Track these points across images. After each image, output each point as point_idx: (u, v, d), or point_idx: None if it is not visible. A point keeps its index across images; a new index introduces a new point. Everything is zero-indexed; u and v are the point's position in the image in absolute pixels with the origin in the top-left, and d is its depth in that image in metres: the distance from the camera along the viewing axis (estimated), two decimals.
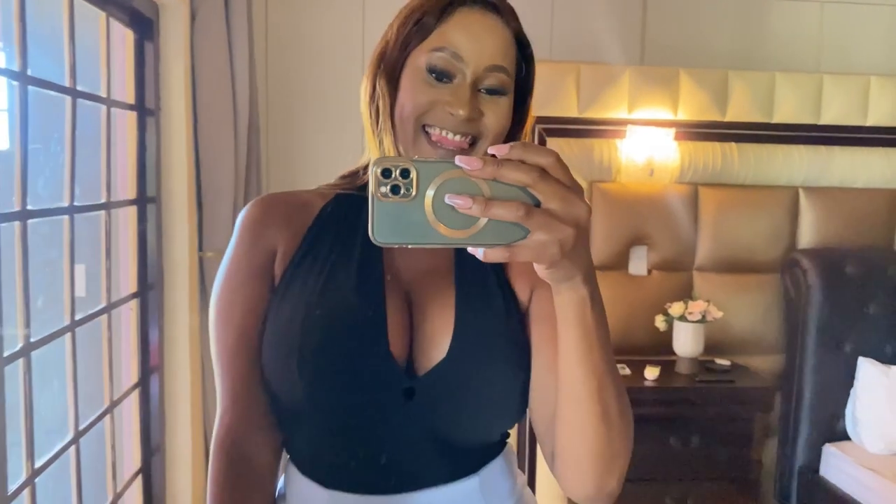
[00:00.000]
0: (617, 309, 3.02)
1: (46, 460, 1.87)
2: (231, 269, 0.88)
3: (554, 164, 0.60)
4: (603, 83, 2.99)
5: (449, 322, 0.83)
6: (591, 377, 0.72)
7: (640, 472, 2.74)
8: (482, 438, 0.89)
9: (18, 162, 1.76)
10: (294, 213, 0.90)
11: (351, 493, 0.84)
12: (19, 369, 1.74)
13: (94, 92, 2.22)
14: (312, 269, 0.86)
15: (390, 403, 0.81)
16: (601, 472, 0.77)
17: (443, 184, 0.59)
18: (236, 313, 0.86)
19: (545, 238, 0.59)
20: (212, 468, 0.86)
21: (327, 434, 0.85)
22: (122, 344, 2.51)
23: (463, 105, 0.80)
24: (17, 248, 1.76)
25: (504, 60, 0.84)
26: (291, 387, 0.81)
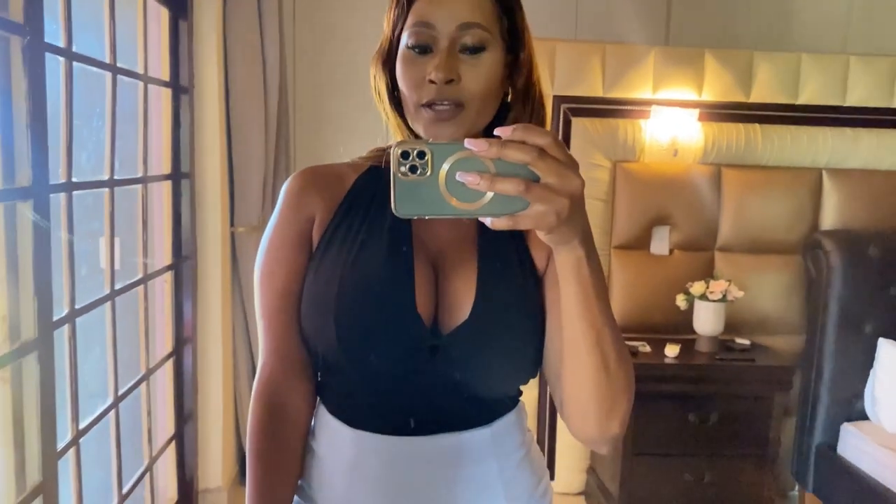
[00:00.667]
0: (638, 288, 3.06)
1: (89, 422, 1.96)
2: (273, 236, 0.96)
3: (551, 143, 0.66)
4: (628, 63, 3.00)
5: (471, 287, 0.90)
6: (591, 330, 0.78)
7: (658, 447, 2.81)
8: (498, 392, 0.96)
9: (64, 136, 1.83)
10: (330, 185, 0.97)
11: (374, 433, 0.93)
12: (65, 335, 1.83)
13: (131, 69, 2.29)
14: (347, 238, 0.93)
15: (416, 359, 0.89)
16: (603, 416, 0.83)
17: (454, 163, 0.67)
18: (278, 276, 0.94)
19: (543, 209, 0.66)
20: (251, 412, 0.96)
21: (358, 382, 0.93)
22: (157, 315, 2.59)
23: (439, 68, 0.84)
24: (62, 218, 1.84)
25: (475, 16, 0.86)
26: (328, 343, 0.90)
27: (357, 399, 0.94)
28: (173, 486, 2.71)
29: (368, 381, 0.92)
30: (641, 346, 2.88)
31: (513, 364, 0.92)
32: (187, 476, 2.75)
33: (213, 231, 2.77)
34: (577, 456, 3.17)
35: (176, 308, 2.65)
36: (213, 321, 2.79)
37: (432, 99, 0.86)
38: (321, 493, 0.97)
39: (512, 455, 0.98)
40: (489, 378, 0.93)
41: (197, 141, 2.71)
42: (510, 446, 0.97)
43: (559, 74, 3.00)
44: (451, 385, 0.90)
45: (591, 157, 3.00)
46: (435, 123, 0.87)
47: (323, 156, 3.46)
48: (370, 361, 0.90)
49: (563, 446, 3.17)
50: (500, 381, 0.94)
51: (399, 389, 0.91)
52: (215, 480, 2.84)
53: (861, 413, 2.89)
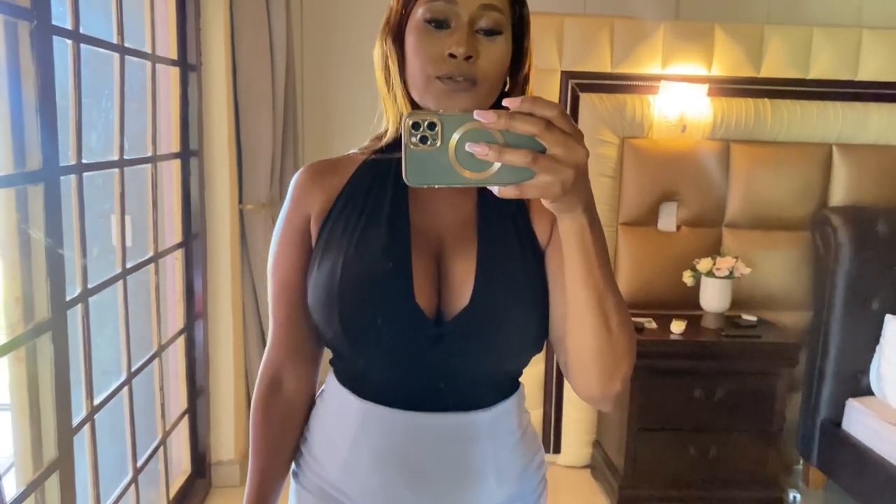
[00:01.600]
0: (645, 264, 3.07)
1: (103, 399, 2.01)
2: (279, 229, 1.00)
3: (558, 116, 0.68)
4: (637, 38, 2.98)
5: (471, 271, 0.92)
6: (593, 294, 0.81)
7: (663, 422, 2.84)
8: (501, 374, 0.99)
9: (73, 118, 1.85)
10: (329, 177, 0.99)
11: (379, 405, 0.96)
12: (78, 314, 1.86)
13: (139, 49, 2.29)
14: (346, 230, 0.95)
15: (419, 348, 0.92)
16: (605, 376, 0.85)
17: (463, 134, 0.69)
18: (280, 267, 0.99)
19: (549, 179, 0.69)
20: (255, 393, 1.05)
21: (363, 366, 0.97)
22: (168, 291, 2.63)
23: (461, 43, 0.86)
24: (73, 199, 1.86)
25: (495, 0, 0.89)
26: (334, 333, 0.94)
27: (363, 377, 0.98)
28: (187, 459, 2.78)
29: (373, 366, 0.96)
30: (647, 323, 2.90)
31: (516, 344, 0.94)
32: (200, 449, 2.81)
33: (222, 208, 2.80)
34: (583, 430, 3.21)
35: (187, 285, 2.69)
36: (224, 297, 2.83)
37: (449, 73, 0.87)
38: (324, 453, 1.02)
39: (507, 439, 1.01)
40: (491, 361, 0.95)
41: (205, 119, 2.73)
42: (506, 430, 1.01)
43: (567, 50, 2.98)
44: (453, 370, 0.94)
45: (598, 133, 2.99)
46: (448, 95, 0.88)
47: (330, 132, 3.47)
48: (374, 351, 0.94)
49: (570, 421, 3.21)
50: (504, 363, 0.97)
51: (403, 373, 0.95)
52: (228, 453, 2.91)
53: (866, 389, 2.90)
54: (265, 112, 2.89)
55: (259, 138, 2.90)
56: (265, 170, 2.93)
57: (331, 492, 1.01)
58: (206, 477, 2.83)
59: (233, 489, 2.90)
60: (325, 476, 1.02)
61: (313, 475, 1.03)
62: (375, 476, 0.97)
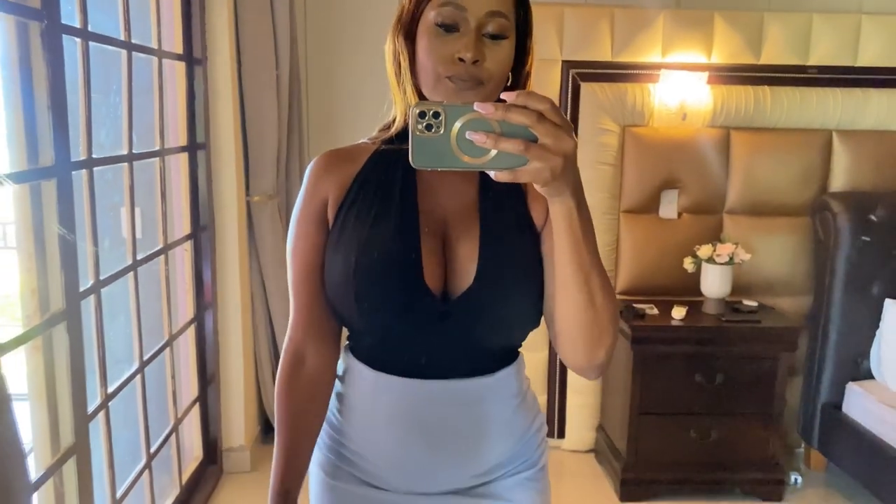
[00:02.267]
0: (647, 251, 3.11)
1: (117, 386, 2.07)
2: (296, 216, 1.07)
3: (549, 109, 0.76)
4: (637, 27, 3.01)
5: (474, 254, 1.00)
6: (579, 271, 0.89)
7: (665, 406, 2.89)
8: (503, 345, 1.08)
9: (83, 114, 1.90)
10: (343, 166, 1.06)
11: (392, 375, 1.05)
12: (91, 305, 1.92)
13: (146, 44, 2.34)
14: (360, 217, 1.02)
15: (428, 324, 1.01)
16: (590, 347, 0.94)
17: (464, 123, 0.77)
18: (298, 252, 1.06)
19: (540, 165, 0.76)
20: (279, 371, 1.11)
21: (378, 342, 1.06)
22: (178, 282, 2.69)
23: (469, 48, 0.93)
24: (84, 193, 1.92)
25: (501, 6, 0.95)
26: (350, 312, 1.02)
27: (377, 350, 1.06)
28: (199, 445, 2.85)
29: (387, 341, 1.05)
30: (649, 309, 2.94)
31: (516, 318, 1.03)
32: (211, 436, 2.88)
33: (229, 200, 2.85)
34: (586, 415, 3.26)
35: (196, 276, 2.75)
36: (232, 287, 2.89)
37: (458, 74, 0.94)
38: (347, 425, 1.10)
39: (510, 401, 1.10)
40: (493, 334, 1.04)
41: (211, 112, 2.78)
42: (509, 393, 1.09)
43: (567, 39, 3.01)
44: (459, 342, 1.02)
45: (599, 121, 3.02)
46: (456, 93, 0.95)
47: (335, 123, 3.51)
48: (387, 327, 1.02)
49: (573, 406, 3.26)
50: (505, 335, 1.06)
51: (414, 346, 1.03)
52: (238, 439, 2.97)
53: (866, 373, 2.94)
54: (270, 104, 2.94)
55: (264, 130, 2.95)
56: (271, 161, 2.98)
57: (354, 459, 1.10)
58: (218, 463, 2.90)
59: (244, 475, 2.97)
60: (349, 446, 1.10)
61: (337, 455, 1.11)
62: (392, 439, 1.05)
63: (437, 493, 1.09)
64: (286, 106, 3.03)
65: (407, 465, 1.07)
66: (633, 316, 2.87)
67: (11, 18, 1.55)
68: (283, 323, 3.11)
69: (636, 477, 2.88)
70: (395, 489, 1.09)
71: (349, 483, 1.11)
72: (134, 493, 2.21)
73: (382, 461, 1.07)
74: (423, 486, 1.08)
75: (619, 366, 2.94)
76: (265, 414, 3.23)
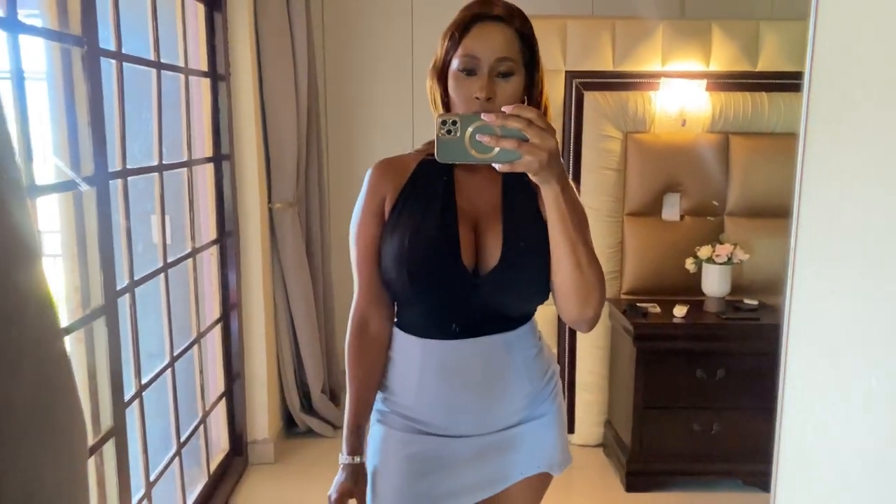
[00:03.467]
0: (650, 253, 3.23)
1: (150, 378, 2.25)
2: (360, 210, 1.36)
3: (536, 117, 1.07)
4: (637, 37, 3.14)
5: (499, 240, 1.29)
6: (567, 241, 1.17)
7: (668, 400, 3.00)
8: (520, 311, 1.37)
9: (118, 129, 2.09)
10: (397, 173, 1.35)
11: (434, 339, 1.33)
12: (126, 302, 2.10)
13: (173, 63, 2.53)
14: (412, 210, 1.31)
15: (463, 294, 1.29)
16: (580, 303, 1.22)
17: (474, 128, 1.07)
18: (363, 237, 1.34)
19: (531, 159, 1.06)
20: (348, 332, 1.39)
21: (423, 310, 1.34)
22: (205, 284, 2.87)
23: (482, 89, 1.21)
24: (119, 201, 2.10)
25: (508, 52, 1.23)
26: (403, 286, 1.30)
27: (423, 319, 1.35)
28: (225, 437, 3.02)
29: (430, 309, 1.33)
30: (651, 308, 3.07)
31: (531, 290, 1.30)
32: (237, 429, 3.05)
33: (252, 208, 3.03)
34: (595, 411, 3.38)
35: (222, 278, 2.93)
36: (256, 289, 3.06)
37: (476, 110, 1.20)
38: (398, 387, 1.38)
39: (529, 350, 1.38)
40: (513, 302, 1.33)
41: (235, 125, 2.96)
42: (528, 344, 1.38)
43: (570, 50, 3.15)
44: (487, 309, 1.31)
45: (602, 128, 3.16)
46: None
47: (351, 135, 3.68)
48: (432, 297, 1.31)
49: (582, 403, 3.38)
50: (522, 304, 1.35)
51: (452, 312, 1.31)
52: (262, 433, 3.14)
53: None
54: (290, 117, 3.12)
55: (285, 142, 3.13)
56: (291, 171, 3.16)
57: (408, 414, 1.36)
58: (243, 455, 3.07)
59: (268, 466, 3.14)
60: (402, 404, 1.37)
61: (394, 413, 1.38)
62: (440, 390, 1.33)
63: (475, 435, 1.35)
64: (305, 118, 3.20)
65: (451, 410, 1.34)
66: (637, 314, 3.00)
67: (57, 45, 1.74)
68: (303, 323, 3.28)
69: (641, 469, 3.00)
70: (439, 432, 1.35)
71: (400, 429, 1.36)
72: (165, 479, 2.38)
73: (430, 410, 1.34)
74: (463, 429, 1.35)
75: (624, 362, 3.07)
76: (287, 409, 3.40)
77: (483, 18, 1.24)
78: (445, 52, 1.27)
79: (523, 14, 1.27)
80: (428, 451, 1.35)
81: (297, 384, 3.37)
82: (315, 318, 3.35)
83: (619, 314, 3.08)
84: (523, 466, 1.40)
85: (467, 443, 1.36)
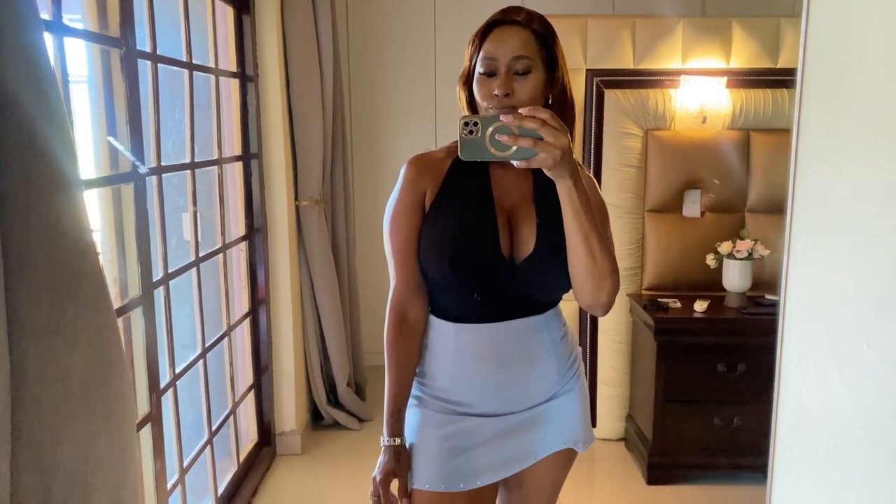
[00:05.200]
0: (671, 249, 3.26)
1: (183, 368, 2.33)
2: (397, 203, 1.43)
3: (550, 118, 1.14)
4: (657, 36, 3.17)
5: (532, 231, 1.38)
6: (580, 232, 1.25)
7: (689, 394, 3.03)
8: (550, 296, 1.47)
9: (153, 128, 2.17)
10: (434, 168, 1.44)
11: (465, 323, 1.42)
12: (161, 294, 2.19)
13: (204, 64, 2.61)
14: (452, 203, 1.40)
15: (500, 280, 1.38)
16: (594, 289, 1.30)
17: (494, 128, 1.15)
18: (402, 229, 1.42)
19: (545, 156, 1.14)
20: (387, 319, 1.46)
21: (459, 295, 1.42)
22: (235, 279, 2.95)
23: (500, 87, 1.31)
24: (154, 197, 2.18)
25: (524, 51, 1.32)
26: (444, 273, 1.39)
27: (458, 305, 1.43)
28: (254, 428, 3.10)
29: (468, 293, 1.41)
30: (672, 303, 3.10)
31: (560, 277, 1.36)
32: (265, 420, 3.13)
33: (280, 205, 3.11)
34: (616, 406, 3.42)
35: (250, 273, 3.01)
36: (284, 285, 3.15)
37: (495, 106, 1.31)
38: (434, 371, 1.46)
39: (556, 332, 1.48)
40: (545, 287, 1.42)
41: (263, 125, 3.05)
42: (555, 328, 1.48)
43: (591, 49, 3.20)
44: (520, 293, 1.41)
45: (623, 126, 3.20)
46: None
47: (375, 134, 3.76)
48: (470, 282, 1.39)
49: (604, 398, 3.42)
50: (553, 290, 1.44)
51: (488, 296, 1.40)
52: (290, 424, 3.22)
53: None
54: (316, 117, 3.20)
55: (311, 141, 3.21)
56: (317, 169, 3.24)
57: (443, 396, 1.45)
58: (272, 445, 3.16)
59: (295, 457, 3.22)
60: (438, 387, 1.46)
61: (429, 396, 1.47)
62: (475, 371, 1.43)
63: (506, 414, 1.44)
64: (330, 118, 3.28)
65: (484, 391, 1.43)
66: (658, 309, 3.03)
67: (97, 47, 1.82)
68: (329, 318, 3.35)
69: (662, 462, 3.03)
70: (472, 412, 1.44)
71: (436, 411, 1.46)
72: (197, 466, 2.47)
73: (464, 391, 1.44)
74: (496, 408, 1.44)
75: (645, 357, 3.10)
76: (314, 402, 3.48)
77: (501, 24, 1.34)
78: (470, 58, 1.37)
79: (543, 18, 1.36)
80: (462, 431, 1.44)
81: (324, 377, 3.45)
82: (341, 313, 3.43)
83: (640, 309, 3.11)
84: (550, 442, 1.48)
85: (498, 421, 1.44)
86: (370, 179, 3.75)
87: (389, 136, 3.78)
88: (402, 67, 3.74)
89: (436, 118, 3.74)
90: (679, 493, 2.99)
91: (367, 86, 3.74)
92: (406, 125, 3.76)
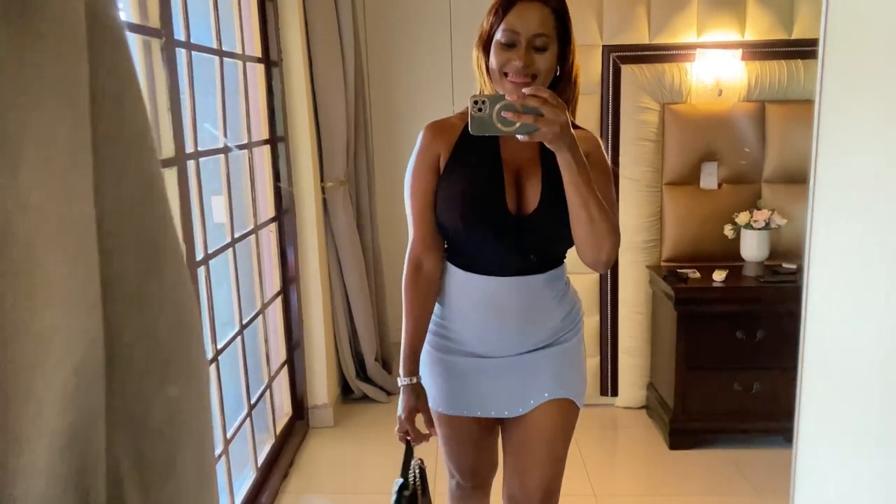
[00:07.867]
0: (689, 221, 3.32)
1: (223, 344, 2.43)
2: (415, 165, 1.57)
3: (550, 96, 1.29)
4: (672, 10, 3.21)
5: (538, 188, 1.50)
6: (579, 197, 1.38)
7: (709, 361, 3.12)
8: (553, 252, 1.60)
9: (190, 114, 2.25)
10: (447, 133, 1.57)
11: (479, 275, 1.56)
12: (202, 274, 2.28)
13: (232, 50, 2.69)
14: (465, 164, 1.53)
15: (506, 233, 1.51)
16: (594, 248, 1.43)
17: (500, 106, 1.29)
18: (420, 189, 1.56)
19: (545, 130, 1.28)
20: (404, 271, 1.61)
21: (471, 247, 1.56)
22: (266, 259, 3.05)
23: (520, 58, 1.43)
24: (193, 180, 2.27)
25: (544, 28, 1.43)
26: (456, 226, 1.53)
27: (470, 256, 1.57)
28: (288, 403, 3.22)
29: (478, 247, 1.55)
30: (692, 273, 3.17)
31: (563, 232, 1.47)
32: (298, 395, 3.25)
33: (307, 187, 3.20)
34: (637, 374, 3.50)
35: (281, 254, 3.11)
36: (312, 264, 3.24)
37: (514, 72, 1.43)
38: (447, 312, 1.63)
39: (559, 289, 1.62)
40: (548, 242, 1.55)
41: (288, 109, 3.12)
42: (558, 285, 1.62)
43: (607, 25, 3.24)
44: (525, 248, 1.53)
45: (640, 100, 3.25)
46: (514, 89, 1.42)
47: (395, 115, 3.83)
48: (480, 235, 1.53)
49: (625, 367, 3.51)
50: (556, 244, 1.56)
51: (496, 250, 1.54)
52: (322, 398, 3.34)
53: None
54: (339, 100, 3.27)
55: (335, 123, 3.29)
56: (341, 151, 3.32)
57: (452, 336, 1.62)
58: (305, 419, 3.27)
59: (327, 429, 3.34)
60: (449, 328, 1.62)
61: (439, 336, 1.64)
62: (479, 319, 1.58)
63: (510, 356, 1.59)
64: (353, 101, 3.35)
65: (489, 336, 1.58)
66: (677, 280, 3.11)
67: (139, 37, 1.90)
68: (357, 295, 3.45)
69: (684, 427, 3.12)
70: (481, 355, 1.60)
71: (449, 354, 1.63)
72: (238, 438, 2.58)
73: (472, 335, 1.59)
74: (500, 351, 1.59)
75: (666, 326, 3.18)
76: (345, 377, 3.59)
77: None
78: (490, 26, 1.47)
79: None
80: (464, 364, 1.61)
81: (353, 353, 3.55)
82: (367, 290, 3.53)
83: (660, 280, 3.19)
84: (548, 389, 1.61)
85: (499, 361, 1.60)
86: (390, 159, 3.83)
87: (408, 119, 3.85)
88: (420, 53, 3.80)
89: (453, 98, 3.80)
90: (701, 457, 3.08)
91: (385, 67, 3.81)
92: (422, 108, 3.82)
